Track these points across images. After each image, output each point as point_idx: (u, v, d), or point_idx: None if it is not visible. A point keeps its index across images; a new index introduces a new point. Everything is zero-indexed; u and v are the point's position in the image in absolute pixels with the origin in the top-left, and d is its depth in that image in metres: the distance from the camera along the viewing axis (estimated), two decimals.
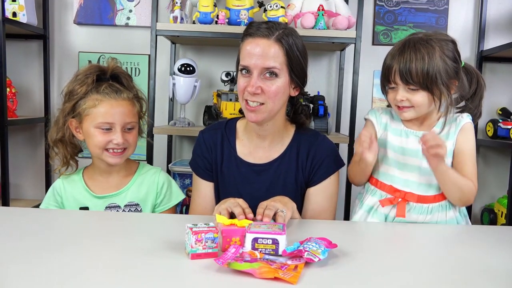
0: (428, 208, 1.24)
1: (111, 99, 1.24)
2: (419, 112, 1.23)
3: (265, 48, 1.19)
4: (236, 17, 1.98)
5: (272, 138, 1.33)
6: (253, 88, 1.19)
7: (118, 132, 1.24)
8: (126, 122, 1.26)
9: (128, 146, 1.28)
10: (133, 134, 1.29)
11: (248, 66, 1.20)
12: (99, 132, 1.24)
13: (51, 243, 0.94)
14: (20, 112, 2.29)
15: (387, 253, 0.98)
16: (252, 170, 1.33)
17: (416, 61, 1.17)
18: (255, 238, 0.89)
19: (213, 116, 2.09)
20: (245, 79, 1.22)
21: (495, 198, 2.32)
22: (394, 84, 1.21)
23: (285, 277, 0.76)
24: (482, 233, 1.19)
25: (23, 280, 0.75)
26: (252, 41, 1.21)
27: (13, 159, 2.23)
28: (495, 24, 2.33)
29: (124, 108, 1.26)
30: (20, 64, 2.34)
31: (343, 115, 2.30)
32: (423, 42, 1.19)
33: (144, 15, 2.31)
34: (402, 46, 1.20)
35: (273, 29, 1.21)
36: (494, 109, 2.33)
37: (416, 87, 1.18)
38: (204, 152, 1.36)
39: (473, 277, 0.84)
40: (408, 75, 1.17)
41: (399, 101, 1.21)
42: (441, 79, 1.18)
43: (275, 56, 1.19)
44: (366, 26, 2.29)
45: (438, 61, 1.17)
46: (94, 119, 1.23)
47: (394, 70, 1.20)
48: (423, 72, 1.16)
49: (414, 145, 1.25)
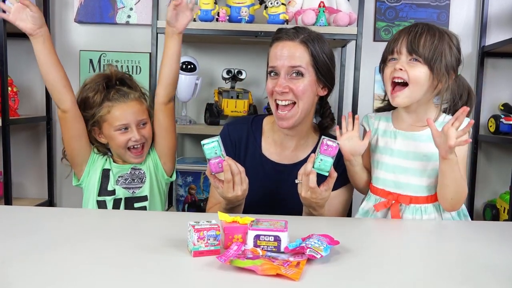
0: (422, 209, 1.23)
1: (121, 103, 1.38)
2: (412, 95, 1.18)
3: (291, 49, 1.26)
4: (237, 14, 1.97)
5: (299, 140, 1.36)
6: (280, 87, 1.25)
7: (134, 130, 1.38)
8: (139, 119, 1.40)
9: (145, 141, 1.41)
10: (147, 128, 1.42)
11: (275, 66, 1.27)
12: (119, 133, 1.38)
13: (54, 242, 0.95)
14: (21, 111, 2.29)
15: (389, 249, 0.98)
16: (276, 170, 1.35)
17: (427, 35, 1.16)
18: (257, 235, 0.89)
19: (214, 113, 2.09)
20: (273, 81, 1.28)
21: (497, 193, 2.32)
22: (397, 55, 1.19)
23: (287, 273, 0.77)
24: (485, 229, 1.18)
25: (26, 278, 0.75)
26: (279, 44, 1.29)
27: (15, 158, 2.23)
28: (497, 19, 2.32)
29: (134, 108, 1.39)
30: (21, 63, 2.34)
31: (345, 111, 2.30)
32: (434, 26, 1.19)
33: (145, 13, 2.31)
34: (413, 25, 1.20)
35: (299, 33, 1.29)
36: (496, 104, 2.33)
37: (419, 59, 1.16)
38: (228, 146, 1.38)
39: (475, 272, 0.84)
40: (415, 44, 1.15)
41: (396, 70, 1.17)
42: (446, 61, 1.16)
43: (301, 56, 1.26)
44: (367, 22, 2.28)
45: (446, 45, 1.17)
46: (112, 123, 1.38)
47: (401, 40, 1.18)
48: (432, 45, 1.15)
49: (402, 146, 1.25)
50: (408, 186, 1.24)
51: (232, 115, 2.07)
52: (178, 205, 2.13)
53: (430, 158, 1.22)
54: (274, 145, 1.38)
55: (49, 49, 1.31)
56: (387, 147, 1.28)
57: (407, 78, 1.17)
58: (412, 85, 1.17)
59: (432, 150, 1.18)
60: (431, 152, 1.21)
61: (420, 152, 1.23)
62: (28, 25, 1.27)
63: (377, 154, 1.30)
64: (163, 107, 1.39)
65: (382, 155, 1.28)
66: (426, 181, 1.23)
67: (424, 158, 1.22)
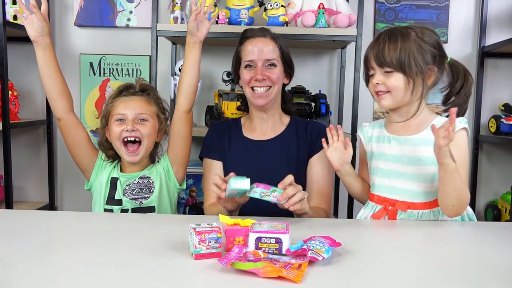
0: (418, 214, 1.22)
1: (126, 97, 1.42)
2: (396, 98, 1.21)
3: (265, 44, 1.47)
4: (237, 16, 1.98)
5: (273, 122, 1.55)
6: (261, 75, 1.44)
7: (129, 121, 1.37)
8: (138, 113, 1.39)
9: (141, 138, 1.38)
10: (147, 126, 1.40)
11: (253, 60, 1.46)
12: (115, 124, 1.39)
13: (55, 245, 0.95)
14: (22, 115, 2.29)
15: (390, 250, 0.97)
16: (258, 146, 1.51)
17: (389, 43, 1.19)
18: (258, 238, 0.89)
19: (214, 116, 2.09)
20: (250, 72, 1.47)
21: (499, 194, 2.32)
22: (372, 70, 1.23)
23: (289, 276, 0.76)
24: (486, 230, 1.18)
25: (28, 281, 0.75)
26: (253, 41, 1.48)
27: (16, 162, 2.23)
28: (497, 20, 2.32)
29: (137, 103, 1.41)
30: (21, 67, 2.35)
31: (345, 113, 2.29)
32: (397, 30, 1.22)
33: (145, 16, 2.31)
34: (378, 36, 1.24)
35: (266, 31, 1.51)
36: (497, 105, 2.32)
37: (390, 69, 1.19)
38: (214, 138, 1.55)
39: (477, 273, 0.83)
40: (381, 56, 1.19)
41: (375, 85, 1.22)
42: (415, 61, 1.17)
43: (273, 50, 1.48)
44: (367, 23, 2.28)
45: (412, 44, 1.18)
46: (112, 115, 1.40)
47: (370, 55, 1.22)
48: (396, 53, 1.17)
49: (395, 151, 1.25)
50: (405, 191, 1.23)
51: (233, 117, 2.07)
52: (179, 208, 2.13)
53: (425, 162, 1.20)
54: (252, 128, 1.56)
55: (48, 58, 1.34)
56: (381, 152, 1.28)
57: (386, 87, 1.21)
58: (393, 91, 1.21)
59: (427, 154, 1.17)
60: (425, 156, 1.19)
61: (415, 156, 1.21)
62: (33, 32, 1.31)
63: (372, 161, 1.31)
64: (185, 115, 1.43)
65: (377, 161, 1.29)
66: (423, 187, 1.21)
67: (418, 162, 1.21)
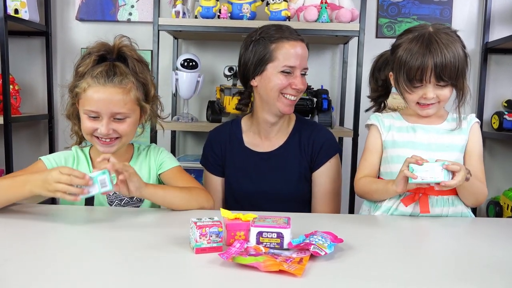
0: (449, 200, 1.22)
1: (99, 85, 1.16)
2: (442, 106, 1.23)
3: (303, 50, 1.36)
4: (239, 11, 1.97)
5: (280, 127, 1.46)
6: (302, 85, 1.36)
7: (104, 122, 1.17)
8: (114, 112, 1.17)
9: (119, 136, 1.21)
10: (125, 124, 1.20)
11: (295, 66, 1.34)
12: (87, 118, 1.19)
13: (56, 239, 0.95)
14: (23, 109, 2.29)
15: (392, 247, 0.97)
16: (260, 158, 1.44)
17: (449, 57, 1.14)
18: (259, 232, 0.88)
19: (216, 111, 2.08)
20: (288, 78, 1.34)
21: (501, 191, 2.31)
22: (426, 83, 1.17)
23: (290, 269, 0.76)
24: (488, 226, 1.18)
25: (28, 276, 0.75)
26: (294, 44, 1.34)
27: (17, 156, 2.23)
28: (500, 16, 2.30)
29: (114, 97, 1.16)
30: (22, 61, 2.34)
31: (347, 108, 2.29)
32: (444, 35, 1.16)
33: (146, 11, 2.30)
34: (434, 46, 1.14)
35: (299, 34, 1.38)
36: (500, 101, 2.31)
37: (446, 83, 1.17)
38: (214, 148, 1.48)
39: (479, 269, 0.83)
40: (444, 73, 1.14)
41: (430, 99, 1.18)
42: (464, 71, 1.18)
43: (307, 57, 1.39)
44: (370, 18, 2.27)
45: (461, 53, 1.17)
46: (83, 104, 1.18)
47: (429, 69, 1.14)
48: (456, 68, 1.15)
49: (423, 139, 1.25)
50: None
51: (234, 112, 2.06)
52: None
53: (453, 148, 1.24)
54: (255, 137, 1.47)
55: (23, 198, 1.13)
56: (406, 141, 1.27)
57: (437, 100, 1.20)
58: (442, 102, 1.21)
59: (453, 141, 1.23)
60: (453, 143, 1.24)
61: (442, 143, 1.24)
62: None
63: (395, 149, 1.27)
64: None
65: (402, 149, 1.26)
66: None
67: (447, 148, 1.24)
